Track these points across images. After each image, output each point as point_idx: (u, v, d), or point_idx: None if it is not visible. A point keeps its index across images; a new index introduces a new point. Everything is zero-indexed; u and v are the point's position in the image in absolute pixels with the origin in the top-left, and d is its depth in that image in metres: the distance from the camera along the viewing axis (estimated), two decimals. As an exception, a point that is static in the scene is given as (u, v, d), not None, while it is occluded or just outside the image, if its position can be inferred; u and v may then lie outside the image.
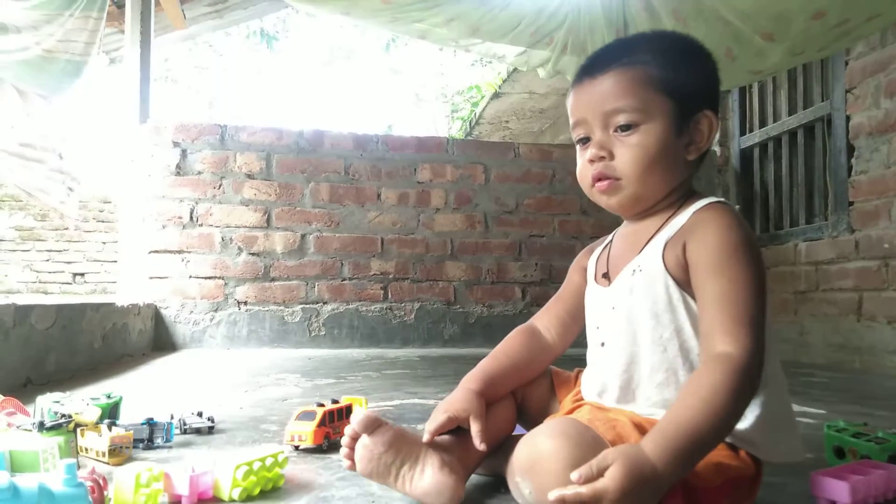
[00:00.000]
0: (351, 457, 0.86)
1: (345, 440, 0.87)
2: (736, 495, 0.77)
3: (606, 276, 0.92)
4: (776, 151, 3.53)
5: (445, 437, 0.89)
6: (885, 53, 2.69)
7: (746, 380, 0.72)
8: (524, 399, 1.01)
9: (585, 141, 0.89)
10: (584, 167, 0.89)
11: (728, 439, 0.79)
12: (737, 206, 3.77)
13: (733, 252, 0.79)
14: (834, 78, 2.98)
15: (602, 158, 0.86)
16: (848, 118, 2.88)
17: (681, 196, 0.89)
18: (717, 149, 3.91)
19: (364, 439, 0.84)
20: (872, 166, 2.76)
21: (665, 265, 0.83)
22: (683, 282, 0.83)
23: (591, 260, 0.99)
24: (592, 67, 0.88)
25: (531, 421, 1.02)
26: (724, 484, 0.76)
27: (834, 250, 2.95)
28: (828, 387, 2.21)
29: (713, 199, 0.87)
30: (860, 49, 2.79)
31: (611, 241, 0.98)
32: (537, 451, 0.73)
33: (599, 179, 0.87)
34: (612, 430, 0.76)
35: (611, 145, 0.86)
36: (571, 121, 0.90)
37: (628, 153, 0.85)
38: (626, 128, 0.85)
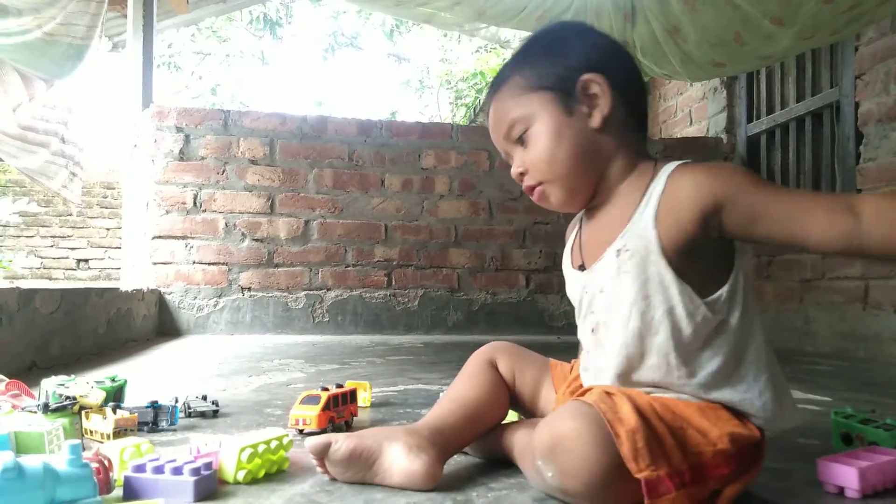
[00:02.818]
0: (327, 473, 0.90)
1: (316, 463, 0.90)
2: (740, 466, 0.77)
3: (582, 266, 0.90)
4: (783, 139, 3.50)
5: (412, 425, 0.93)
6: (896, 39, 2.65)
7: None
8: (516, 387, 1.02)
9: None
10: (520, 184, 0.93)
11: (741, 409, 0.80)
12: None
13: (751, 177, 0.79)
14: (843, 64, 2.94)
15: (522, 174, 0.90)
16: (857, 105, 2.85)
17: (629, 164, 0.86)
18: (723, 136, 3.88)
19: (326, 462, 0.88)
20: (881, 153, 2.73)
21: (660, 241, 0.79)
22: (680, 259, 0.79)
23: (566, 249, 0.98)
24: (485, 104, 0.95)
25: (523, 410, 1.04)
26: (736, 452, 0.76)
27: (840, 238, 2.92)
28: (833, 375, 2.20)
29: (679, 161, 0.84)
30: (870, 34, 2.76)
31: (580, 226, 0.95)
32: (559, 433, 0.73)
33: (532, 192, 0.90)
34: (613, 411, 0.74)
35: (521, 158, 0.89)
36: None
37: (533, 157, 0.87)
38: (521, 139, 0.88)
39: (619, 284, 0.82)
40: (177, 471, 0.82)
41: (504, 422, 1.02)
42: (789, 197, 0.77)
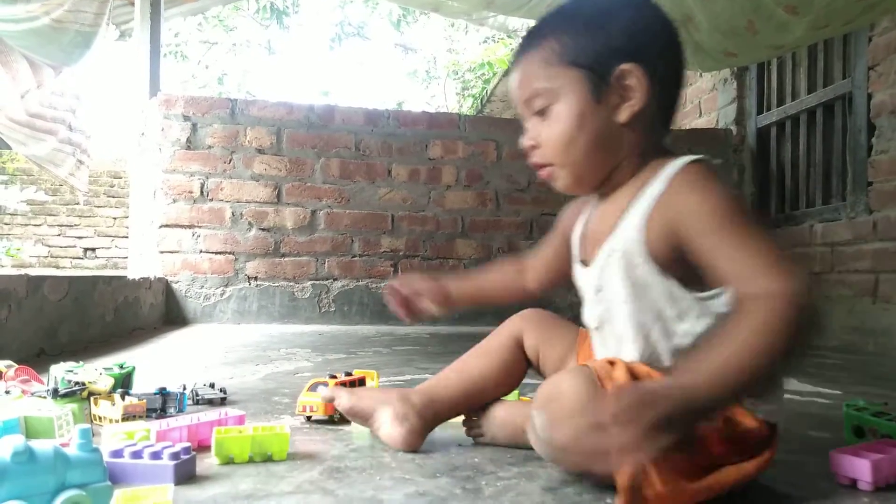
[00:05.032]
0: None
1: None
2: (739, 451, 0.76)
3: (585, 260, 0.90)
4: (794, 131, 3.46)
5: (409, 390, 1.02)
6: (911, 29, 2.62)
7: (795, 315, 0.65)
8: (540, 363, 1.03)
9: None
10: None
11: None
12: (752, 188, 3.72)
13: (732, 212, 0.73)
14: (856, 55, 2.91)
15: (533, 148, 0.85)
16: (870, 96, 2.82)
17: (641, 162, 0.82)
18: (733, 128, 3.85)
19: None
20: (893, 146, 2.70)
21: (647, 244, 0.78)
22: (667, 261, 0.78)
23: (574, 235, 0.95)
24: (513, 58, 0.88)
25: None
26: (733, 436, 0.75)
27: (851, 231, 2.90)
28: (842, 368, 2.18)
29: (688, 158, 0.79)
30: (885, 24, 2.72)
31: (589, 214, 0.93)
32: (557, 387, 0.74)
33: (539, 168, 0.86)
34: (606, 371, 0.75)
35: (537, 131, 0.84)
36: None
37: (547, 136, 0.83)
38: (542, 112, 0.83)
39: (613, 285, 0.83)
40: (156, 455, 0.82)
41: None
42: (736, 252, 0.71)
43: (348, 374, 1.26)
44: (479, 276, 1.14)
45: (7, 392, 1.08)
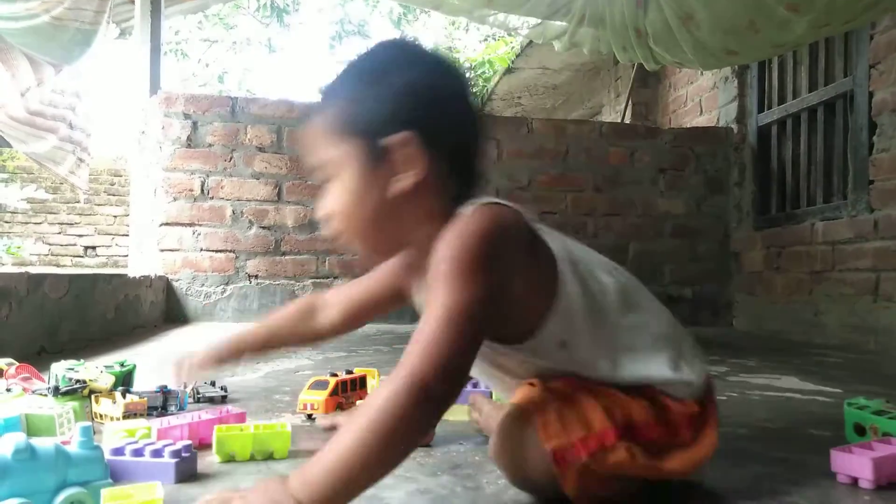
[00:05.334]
0: None
1: None
2: (674, 434, 0.78)
3: None
4: (795, 129, 3.46)
5: None
6: (913, 27, 2.61)
7: (411, 400, 0.62)
8: None
9: None
10: None
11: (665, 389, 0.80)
12: (752, 187, 3.71)
13: (454, 264, 0.68)
14: (857, 53, 2.90)
15: (325, 218, 0.79)
16: (871, 94, 2.81)
17: (442, 223, 0.74)
18: (734, 126, 3.84)
19: None
20: (895, 144, 2.69)
21: None
22: None
23: (414, 302, 0.90)
24: (307, 121, 0.81)
25: None
26: (663, 418, 0.78)
27: (852, 230, 2.90)
28: (843, 367, 2.18)
29: (469, 208, 0.74)
30: (886, 23, 2.71)
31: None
32: (496, 443, 0.77)
33: (335, 238, 0.80)
34: (528, 399, 0.77)
35: (326, 203, 0.78)
36: None
37: (334, 209, 0.77)
38: (325, 183, 0.77)
39: None
40: (157, 453, 0.82)
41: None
42: (426, 313, 0.68)
43: (349, 372, 1.26)
44: (268, 325, 1.03)
45: (8, 390, 1.08)
